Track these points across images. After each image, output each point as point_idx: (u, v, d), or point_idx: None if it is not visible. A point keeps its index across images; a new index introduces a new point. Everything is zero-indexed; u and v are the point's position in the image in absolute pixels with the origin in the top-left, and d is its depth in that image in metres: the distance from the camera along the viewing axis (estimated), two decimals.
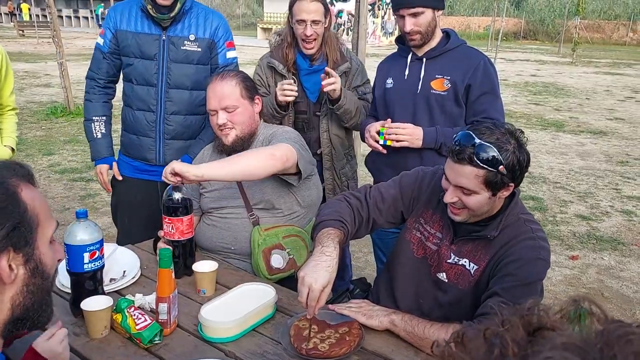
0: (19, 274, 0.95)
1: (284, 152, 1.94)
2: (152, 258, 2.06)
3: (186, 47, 2.50)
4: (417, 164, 2.17)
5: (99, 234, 1.65)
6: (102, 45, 2.56)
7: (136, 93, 2.54)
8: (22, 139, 7.07)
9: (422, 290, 1.77)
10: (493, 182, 1.52)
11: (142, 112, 2.56)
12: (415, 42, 2.30)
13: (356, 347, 1.51)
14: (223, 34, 2.57)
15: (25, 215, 0.94)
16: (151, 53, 2.49)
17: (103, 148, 2.65)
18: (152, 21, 2.47)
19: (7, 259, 0.92)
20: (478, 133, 1.51)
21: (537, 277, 1.56)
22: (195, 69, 2.53)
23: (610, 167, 6.75)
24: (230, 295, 1.75)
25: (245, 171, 1.90)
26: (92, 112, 2.63)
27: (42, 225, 0.98)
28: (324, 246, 1.62)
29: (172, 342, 1.56)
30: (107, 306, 1.56)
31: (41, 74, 13.45)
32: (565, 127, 9.05)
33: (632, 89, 13.91)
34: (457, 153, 1.53)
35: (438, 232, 1.75)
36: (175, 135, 2.58)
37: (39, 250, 0.97)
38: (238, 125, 2.11)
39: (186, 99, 2.54)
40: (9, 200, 0.93)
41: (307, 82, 2.68)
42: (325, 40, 2.62)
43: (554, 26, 32.91)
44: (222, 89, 2.10)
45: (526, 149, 1.55)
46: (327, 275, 1.52)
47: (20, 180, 0.97)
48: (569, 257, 4.17)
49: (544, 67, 18.72)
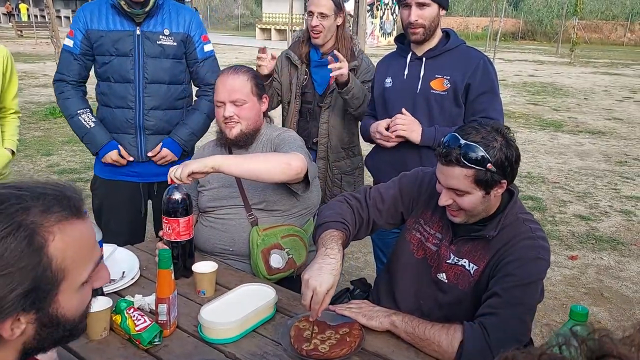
0: (27, 330, 0.82)
1: (299, 164, 1.94)
2: (152, 259, 2.06)
3: (162, 41, 2.51)
4: (417, 163, 2.16)
5: (98, 235, 1.64)
6: (71, 47, 2.52)
7: (114, 91, 2.53)
8: (20, 140, 7.01)
9: (422, 291, 1.76)
10: (484, 181, 1.53)
11: (120, 110, 2.55)
12: (418, 36, 2.29)
13: (357, 348, 1.51)
14: (197, 28, 2.60)
15: (45, 273, 0.79)
16: (126, 49, 2.48)
17: (101, 135, 2.56)
18: (124, 17, 2.47)
19: (11, 322, 0.79)
20: (463, 134, 1.53)
21: (537, 276, 1.55)
22: (172, 63, 2.55)
23: (609, 167, 6.76)
24: (230, 296, 1.74)
25: (259, 173, 1.91)
26: (75, 107, 2.56)
27: (71, 275, 0.84)
28: (328, 248, 1.61)
29: (171, 343, 1.56)
30: (106, 307, 1.55)
31: (40, 74, 13.43)
32: (564, 127, 9.06)
33: (630, 89, 13.93)
34: (444, 155, 1.54)
35: (438, 233, 1.75)
36: (156, 130, 2.58)
37: (57, 305, 0.83)
38: (244, 120, 2.11)
39: (164, 93, 2.55)
40: (31, 257, 0.78)
41: (316, 74, 2.84)
42: (338, 39, 2.77)
43: (552, 26, 32.97)
44: (233, 82, 2.09)
45: (514, 145, 1.55)
46: (332, 279, 1.52)
47: (59, 219, 0.82)
48: (568, 257, 4.17)
49: (542, 68, 18.74)
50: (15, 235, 0.76)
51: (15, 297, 0.77)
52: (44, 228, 0.80)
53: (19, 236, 0.77)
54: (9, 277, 0.76)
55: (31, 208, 0.80)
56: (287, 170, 1.91)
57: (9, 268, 0.76)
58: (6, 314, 0.77)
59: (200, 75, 2.64)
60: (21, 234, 0.77)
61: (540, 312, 3.21)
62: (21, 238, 0.77)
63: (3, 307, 0.76)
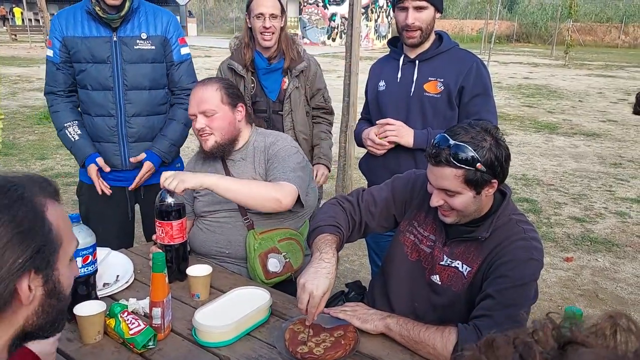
0: (37, 295, 0.93)
1: (290, 201, 1.96)
2: (146, 262, 2.05)
3: (139, 46, 2.46)
4: (411, 166, 2.17)
5: (91, 239, 1.64)
6: (52, 56, 2.48)
7: (93, 99, 2.48)
8: (14, 144, 7.04)
9: (417, 294, 1.76)
10: (474, 181, 1.53)
11: (101, 118, 2.50)
12: (414, 39, 2.29)
13: (351, 350, 1.51)
14: (175, 30, 2.56)
15: (49, 236, 0.93)
16: (103, 56, 2.43)
17: (86, 147, 2.53)
18: (99, 23, 2.42)
19: (28, 280, 0.90)
20: (453, 134, 1.54)
21: (530, 277, 1.55)
22: (152, 67, 2.50)
23: (604, 169, 6.78)
24: (224, 299, 1.74)
25: (248, 204, 1.99)
26: (63, 120, 2.52)
27: (65, 245, 0.97)
28: (322, 252, 1.62)
29: (166, 346, 1.55)
30: (100, 311, 1.55)
31: (34, 78, 13.40)
32: (559, 130, 9.09)
33: (625, 91, 13.98)
34: (434, 156, 1.55)
35: (431, 235, 1.75)
36: (139, 137, 2.55)
37: (58, 272, 0.95)
38: (217, 131, 2.09)
39: (145, 99, 2.51)
40: (36, 221, 0.91)
41: (265, 81, 2.75)
42: (282, 40, 2.71)
43: (547, 29, 33.12)
44: (202, 93, 2.08)
45: (504, 145, 1.56)
46: (327, 282, 1.54)
47: (46, 197, 0.95)
48: (563, 259, 4.18)
49: (537, 70, 18.81)
50: (20, 204, 0.90)
51: (30, 254, 0.89)
52: (39, 199, 0.93)
53: (23, 204, 0.91)
54: (21, 236, 0.88)
55: (25, 187, 0.93)
56: (277, 207, 1.96)
57: (21, 228, 0.88)
58: (24, 269, 0.88)
59: (175, 79, 2.58)
60: (25, 203, 0.91)
61: (535, 314, 3.21)
62: (25, 206, 0.91)
63: (21, 263, 0.88)
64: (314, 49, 22.54)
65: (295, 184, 1.99)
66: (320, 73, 2.87)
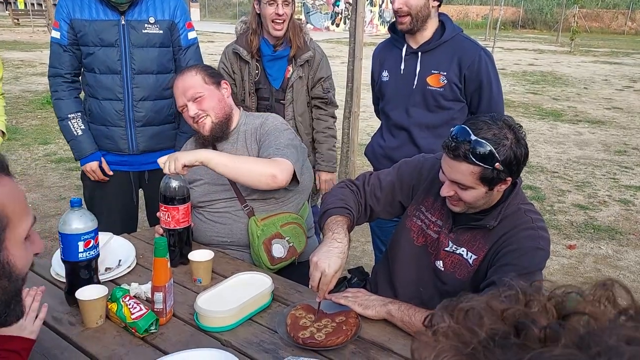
0: None
1: (286, 176, 1.92)
2: (148, 247, 2.05)
3: (147, 30, 2.45)
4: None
5: (93, 223, 1.63)
6: (59, 38, 2.45)
7: (100, 82, 2.47)
8: (17, 128, 7.03)
9: (422, 279, 1.76)
10: (489, 179, 1.50)
11: (109, 102, 2.49)
12: (404, 25, 2.26)
13: (353, 336, 1.51)
14: (182, 14, 2.54)
15: None
16: (111, 39, 2.42)
17: (87, 145, 2.54)
18: (107, 6, 2.40)
19: None
20: (475, 128, 1.48)
21: (536, 266, 1.55)
22: (159, 52, 2.50)
23: (608, 156, 6.75)
24: (226, 284, 1.74)
25: (243, 179, 1.93)
26: (66, 110, 2.51)
27: (13, 224, 0.89)
28: (335, 232, 1.64)
29: (167, 331, 1.55)
30: (102, 295, 1.55)
31: (37, 62, 13.35)
32: (563, 117, 9.04)
33: (630, 78, 13.89)
34: (452, 149, 1.50)
35: (439, 220, 1.73)
36: (147, 121, 2.54)
37: (6, 252, 0.88)
38: (210, 111, 2.09)
39: (152, 84, 2.51)
40: None
41: (270, 69, 2.72)
42: (290, 27, 2.65)
43: (553, 15, 32.83)
44: (183, 82, 2.09)
45: (524, 143, 1.52)
46: (339, 262, 1.56)
47: None
48: (566, 247, 4.17)
49: (542, 56, 18.67)
50: None
51: None
52: None
53: None
54: None
55: None
56: (272, 183, 1.91)
57: None
58: None
59: (182, 63, 2.56)
60: None
61: None
62: None
63: None
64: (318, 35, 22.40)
65: (290, 160, 1.97)
66: (325, 62, 2.80)
